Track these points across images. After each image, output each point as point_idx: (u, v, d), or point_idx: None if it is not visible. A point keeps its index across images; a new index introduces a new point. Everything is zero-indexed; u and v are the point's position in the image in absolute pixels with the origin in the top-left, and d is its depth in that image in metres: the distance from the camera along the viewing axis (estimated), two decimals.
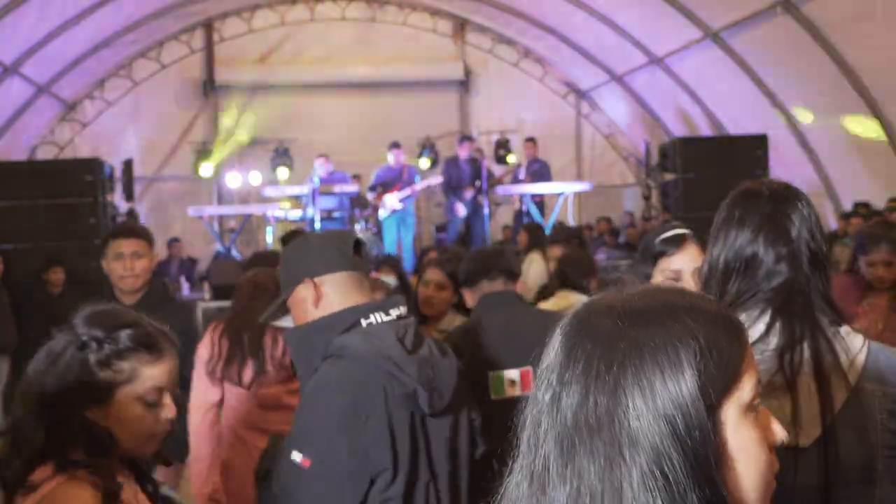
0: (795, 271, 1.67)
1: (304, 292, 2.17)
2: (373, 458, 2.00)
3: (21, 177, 8.98)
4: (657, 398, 0.90)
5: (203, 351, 3.52)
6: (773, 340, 1.62)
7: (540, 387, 0.97)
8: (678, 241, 2.45)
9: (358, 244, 2.25)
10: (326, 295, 2.15)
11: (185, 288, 11.11)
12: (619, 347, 0.92)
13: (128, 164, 10.37)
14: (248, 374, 3.40)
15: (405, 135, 12.99)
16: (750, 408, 0.96)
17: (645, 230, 11.83)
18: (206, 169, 13.50)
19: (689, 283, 2.28)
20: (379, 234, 11.25)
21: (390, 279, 4.20)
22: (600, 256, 10.47)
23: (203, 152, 13.57)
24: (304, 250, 2.27)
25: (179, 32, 13.84)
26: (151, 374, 1.70)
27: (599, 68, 13.73)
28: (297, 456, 2.01)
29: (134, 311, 1.81)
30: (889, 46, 8.63)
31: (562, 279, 4.71)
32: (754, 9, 9.79)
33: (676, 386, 0.90)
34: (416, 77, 14.29)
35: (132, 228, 3.79)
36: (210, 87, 14.11)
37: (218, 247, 11.80)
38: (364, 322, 2.10)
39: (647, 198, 11.11)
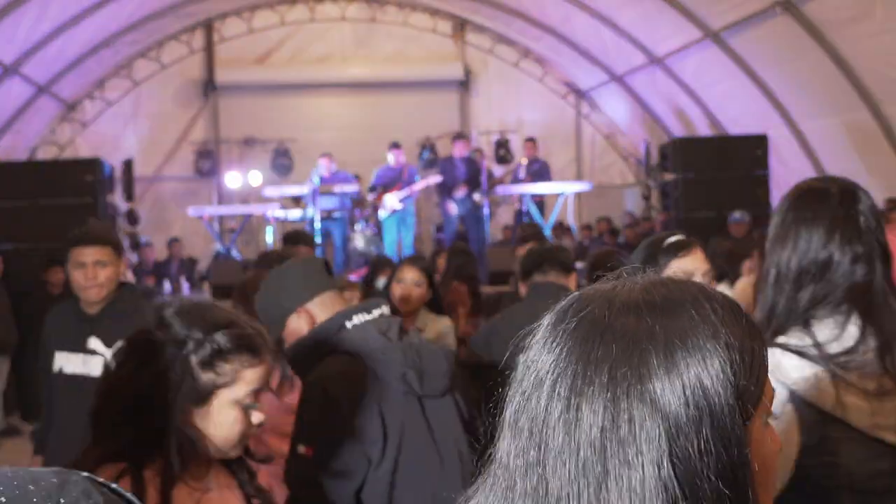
0: (871, 269, 1.65)
1: (296, 322, 2.40)
2: (368, 434, 2.21)
3: (21, 177, 8.99)
4: (694, 410, 0.78)
5: None
6: (871, 342, 1.60)
7: (537, 396, 0.82)
8: (688, 245, 2.46)
9: (326, 264, 2.54)
10: (317, 316, 2.40)
11: (185, 288, 11.12)
12: (650, 349, 0.80)
13: (128, 164, 10.39)
14: (276, 377, 3.38)
15: (405, 135, 13.00)
16: (767, 419, 0.89)
17: (646, 230, 11.84)
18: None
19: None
20: (379, 234, 11.26)
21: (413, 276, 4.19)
22: None
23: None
24: (286, 282, 2.44)
25: (179, 32, 13.84)
26: (251, 377, 1.65)
27: (599, 68, 13.73)
28: (301, 448, 2.23)
29: (229, 309, 1.78)
30: (889, 46, 8.63)
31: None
32: (754, 9, 9.78)
33: (717, 398, 0.79)
34: (416, 77, 14.29)
35: (96, 234, 3.42)
36: (210, 87, 14.11)
37: (218, 247, 11.80)
38: (349, 324, 2.34)
39: (647, 198, 11.11)
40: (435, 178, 11.47)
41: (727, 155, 9.93)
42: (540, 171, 11.82)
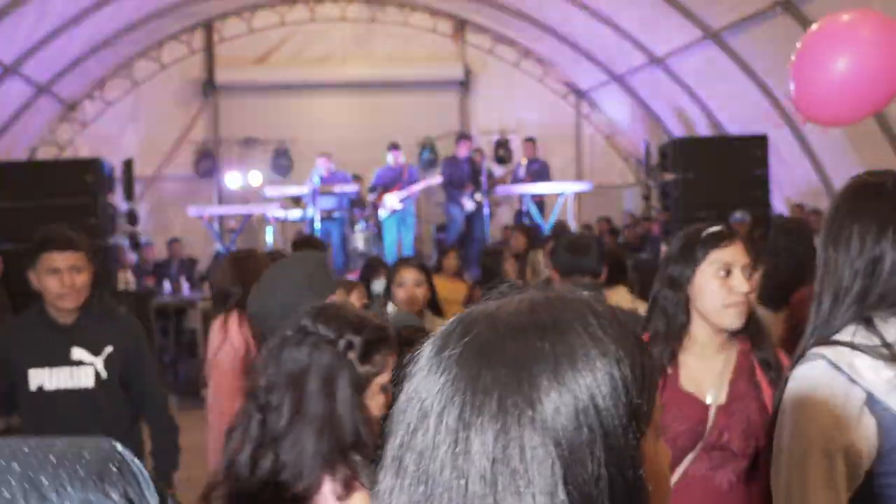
0: None
1: None
2: None
3: (21, 177, 8.99)
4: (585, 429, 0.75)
5: (237, 346, 3.55)
6: None
7: (424, 429, 0.77)
8: (731, 235, 2.32)
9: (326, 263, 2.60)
10: None
11: (185, 288, 11.12)
12: (539, 372, 0.76)
13: (128, 164, 10.38)
14: None
15: (405, 135, 13.00)
16: (658, 433, 0.85)
17: (646, 230, 11.85)
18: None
19: (740, 279, 2.21)
20: (379, 234, 11.26)
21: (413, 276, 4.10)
22: None
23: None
24: (296, 284, 2.39)
25: (179, 32, 13.84)
26: (391, 363, 1.83)
27: (599, 68, 13.73)
28: None
29: (354, 307, 2.04)
30: None
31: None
32: (754, 9, 9.78)
33: (610, 419, 0.76)
34: (416, 77, 14.29)
35: (70, 239, 3.19)
36: (210, 87, 14.11)
37: (218, 247, 11.80)
38: None
39: (647, 198, 11.11)
40: (435, 179, 11.48)
41: (727, 155, 9.91)
42: (540, 171, 11.82)
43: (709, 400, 2.23)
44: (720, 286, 2.21)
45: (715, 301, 2.21)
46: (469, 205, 11.18)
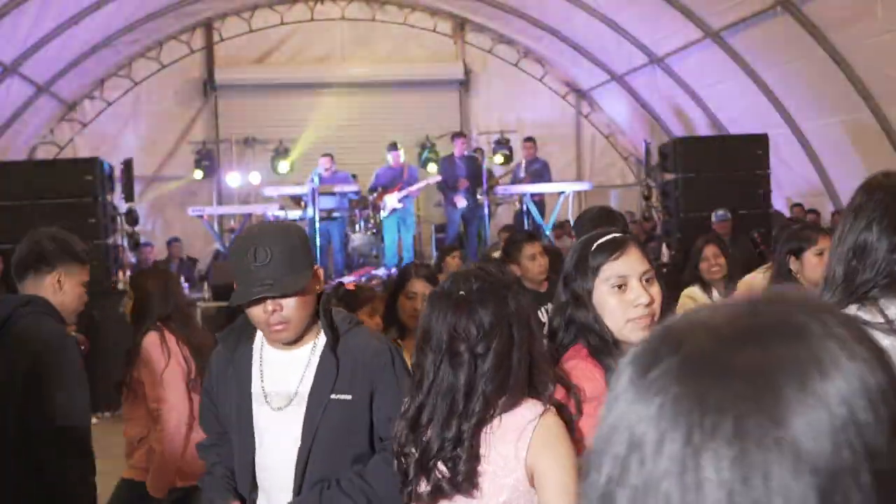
0: None
1: (314, 280, 2.35)
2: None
3: (21, 177, 8.99)
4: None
5: (183, 365, 3.72)
6: None
7: (638, 460, 0.65)
8: (622, 242, 2.11)
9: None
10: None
11: (185, 288, 11.11)
12: (783, 385, 0.64)
13: (128, 164, 10.36)
14: None
15: (405, 135, 13.00)
16: None
17: (646, 230, 11.83)
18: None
19: (638, 290, 2.05)
20: (379, 234, 11.25)
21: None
22: None
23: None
24: (303, 239, 2.44)
25: (179, 32, 13.83)
26: None
27: (599, 68, 13.73)
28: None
29: None
30: (889, 46, 8.63)
31: None
32: (754, 9, 9.78)
33: (872, 433, 0.63)
34: (416, 77, 14.29)
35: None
36: (210, 87, 14.11)
37: (218, 247, 11.79)
38: None
39: (647, 198, 11.10)
40: (435, 178, 11.47)
41: (727, 155, 9.90)
42: (540, 171, 11.81)
43: None
44: (619, 302, 2.06)
45: (616, 318, 2.05)
46: (462, 202, 11.16)
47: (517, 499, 1.91)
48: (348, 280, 10.21)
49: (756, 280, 4.21)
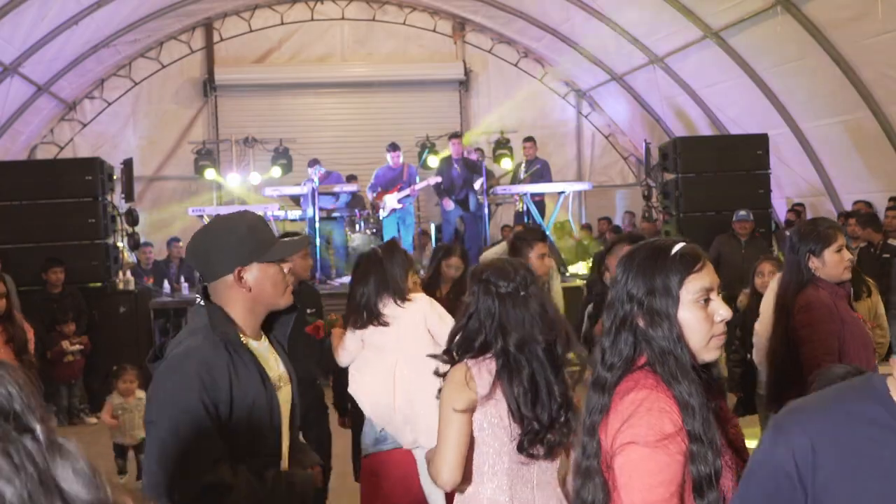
0: None
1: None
2: None
3: (21, 177, 8.99)
4: None
5: None
6: None
7: None
8: (700, 254, 1.95)
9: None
10: None
11: (185, 288, 11.10)
12: None
13: (128, 164, 10.36)
14: None
15: (405, 135, 13.00)
16: None
17: (646, 230, 11.81)
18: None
19: (721, 304, 1.93)
20: (379, 233, 11.25)
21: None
22: None
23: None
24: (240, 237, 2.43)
25: (179, 32, 13.83)
26: None
27: (599, 68, 13.73)
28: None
29: None
30: (889, 46, 8.63)
31: None
32: (754, 8, 9.78)
33: None
34: (416, 77, 14.29)
35: None
36: (210, 87, 14.11)
37: None
38: None
39: (647, 198, 11.10)
40: (434, 179, 11.47)
41: (728, 155, 9.91)
42: (540, 171, 11.81)
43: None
44: (704, 317, 1.91)
45: (701, 335, 1.91)
46: (450, 205, 11.22)
47: None
48: (348, 280, 10.21)
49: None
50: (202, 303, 2.39)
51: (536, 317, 2.56)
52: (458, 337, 2.65)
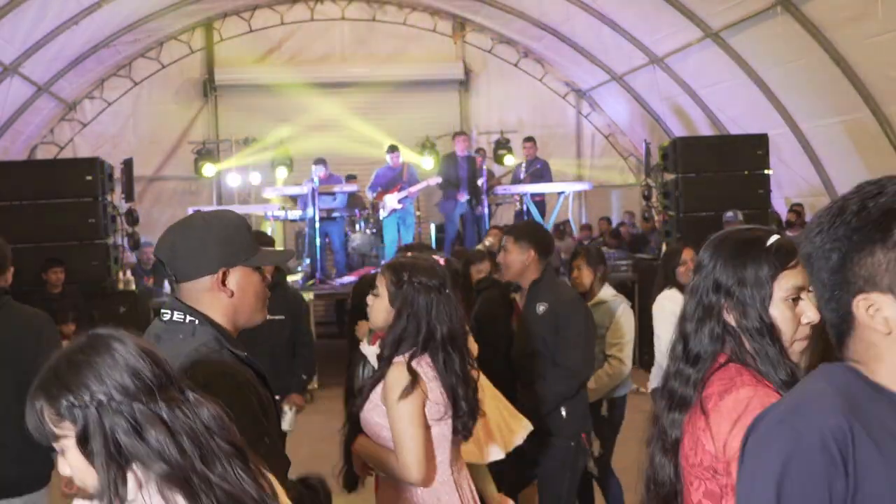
0: None
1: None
2: None
3: (21, 177, 8.99)
4: None
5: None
6: None
7: None
8: (795, 249, 1.80)
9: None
10: None
11: None
12: None
13: (128, 164, 10.36)
14: None
15: (405, 135, 13.00)
16: None
17: (644, 231, 11.83)
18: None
19: (811, 307, 1.80)
20: (379, 234, 11.25)
21: None
22: None
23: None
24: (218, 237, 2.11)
25: (179, 32, 13.83)
26: None
27: (599, 68, 13.73)
28: None
29: None
30: (889, 46, 8.62)
31: None
32: (754, 8, 9.78)
33: None
34: (416, 77, 14.29)
35: None
36: (210, 87, 14.11)
37: None
38: None
39: (647, 198, 11.09)
40: (434, 180, 11.46)
41: (728, 154, 9.91)
42: (540, 171, 11.81)
43: None
44: (793, 317, 1.80)
45: (786, 336, 1.79)
46: (464, 197, 11.23)
47: None
48: (348, 280, 10.21)
49: None
50: (181, 314, 1.96)
51: (455, 310, 2.78)
52: (397, 337, 2.74)
